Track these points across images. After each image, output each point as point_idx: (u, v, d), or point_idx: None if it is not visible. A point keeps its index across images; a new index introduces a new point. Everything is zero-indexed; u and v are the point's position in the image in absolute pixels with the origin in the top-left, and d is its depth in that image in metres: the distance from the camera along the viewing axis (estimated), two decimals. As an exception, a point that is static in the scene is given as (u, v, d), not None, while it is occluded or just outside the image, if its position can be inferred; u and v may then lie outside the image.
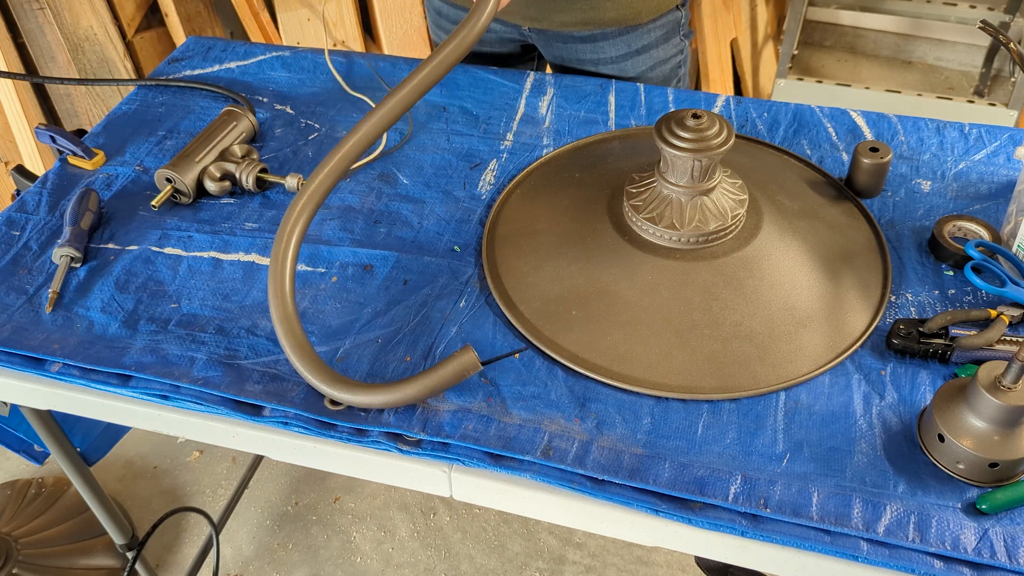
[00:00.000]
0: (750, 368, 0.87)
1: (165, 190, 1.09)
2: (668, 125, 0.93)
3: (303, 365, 0.84)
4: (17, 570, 1.70)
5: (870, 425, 0.83)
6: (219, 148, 1.13)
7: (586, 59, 1.35)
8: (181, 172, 1.09)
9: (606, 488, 0.79)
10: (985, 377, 0.75)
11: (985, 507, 0.75)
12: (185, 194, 1.10)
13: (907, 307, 0.94)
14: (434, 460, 0.84)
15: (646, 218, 0.96)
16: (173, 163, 1.10)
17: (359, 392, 0.83)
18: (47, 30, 1.91)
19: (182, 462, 2.01)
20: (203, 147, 1.12)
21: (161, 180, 1.10)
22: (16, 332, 0.95)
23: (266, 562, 1.82)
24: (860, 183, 1.06)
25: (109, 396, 0.92)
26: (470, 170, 1.15)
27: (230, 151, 1.13)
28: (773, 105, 1.24)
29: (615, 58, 1.33)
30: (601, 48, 1.33)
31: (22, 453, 1.36)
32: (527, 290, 0.97)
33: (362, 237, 1.06)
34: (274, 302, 0.87)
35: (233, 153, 1.13)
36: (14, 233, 1.08)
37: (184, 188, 1.09)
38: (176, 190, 1.10)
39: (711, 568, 1.63)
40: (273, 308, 0.87)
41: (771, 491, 0.77)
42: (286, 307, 0.87)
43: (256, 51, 1.39)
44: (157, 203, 1.08)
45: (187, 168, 1.09)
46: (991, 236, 0.99)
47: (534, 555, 1.80)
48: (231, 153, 1.13)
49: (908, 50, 2.95)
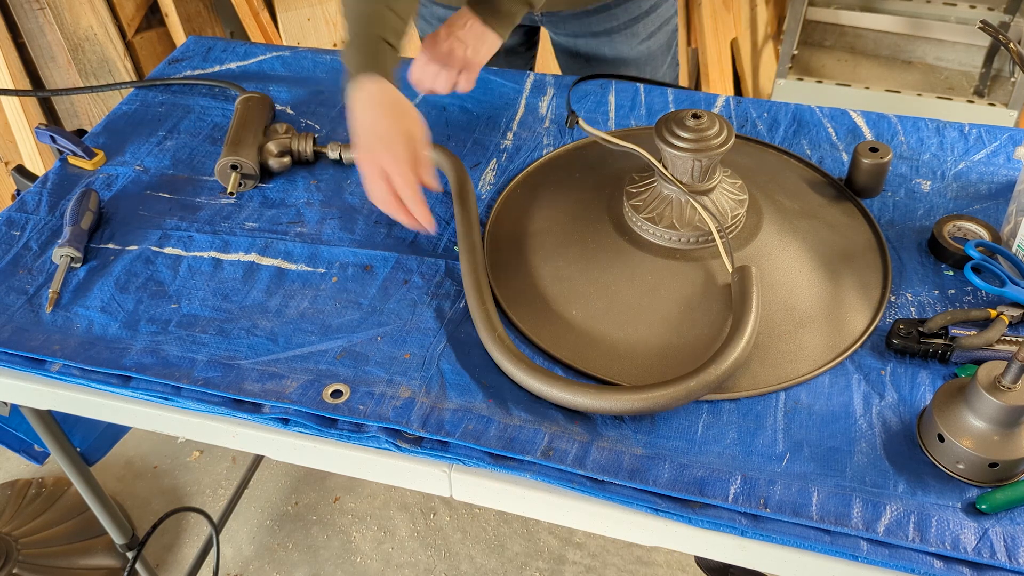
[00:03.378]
0: (750, 368, 0.87)
1: (233, 177, 1.10)
2: (668, 125, 0.93)
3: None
4: (17, 570, 1.70)
5: (870, 425, 0.83)
6: (259, 128, 1.16)
7: (599, 30, 1.36)
8: (246, 156, 1.11)
9: (606, 488, 0.79)
10: (985, 377, 0.75)
11: (985, 507, 0.75)
12: (252, 176, 1.13)
13: (907, 307, 0.94)
14: (434, 460, 0.84)
15: (646, 218, 0.96)
16: (231, 151, 1.11)
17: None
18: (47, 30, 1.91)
19: (182, 462, 2.01)
20: (248, 131, 1.15)
21: (225, 170, 1.11)
22: (16, 332, 0.95)
23: (266, 562, 1.82)
24: (860, 183, 1.06)
25: (109, 396, 0.92)
26: (470, 170, 1.15)
27: (272, 129, 1.16)
28: (773, 105, 1.24)
29: (627, 23, 1.34)
30: (614, 15, 1.33)
31: (22, 453, 1.36)
32: (527, 290, 0.97)
33: (362, 237, 1.06)
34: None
35: (276, 131, 1.16)
36: (14, 233, 1.08)
37: (251, 171, 1.12)
38: (243, 176, 1.12)
39: (711, 568, 1.63)
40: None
41: (771, 491, 0.77)
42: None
43: (256, 51, 1.39)
44: (232, 189, 1.10)
45: (248, 151, 1.12)
46: (991, 236, 0.99)
47: (534, 555, 1.80)
48: (274, 131, 1.16)
49: (908, 50, 2.95)
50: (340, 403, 0.86)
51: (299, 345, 0.93)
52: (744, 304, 0.87)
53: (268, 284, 1.00)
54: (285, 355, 0.92)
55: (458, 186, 1.08)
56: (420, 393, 0.87)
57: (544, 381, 0.84)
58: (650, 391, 0.81)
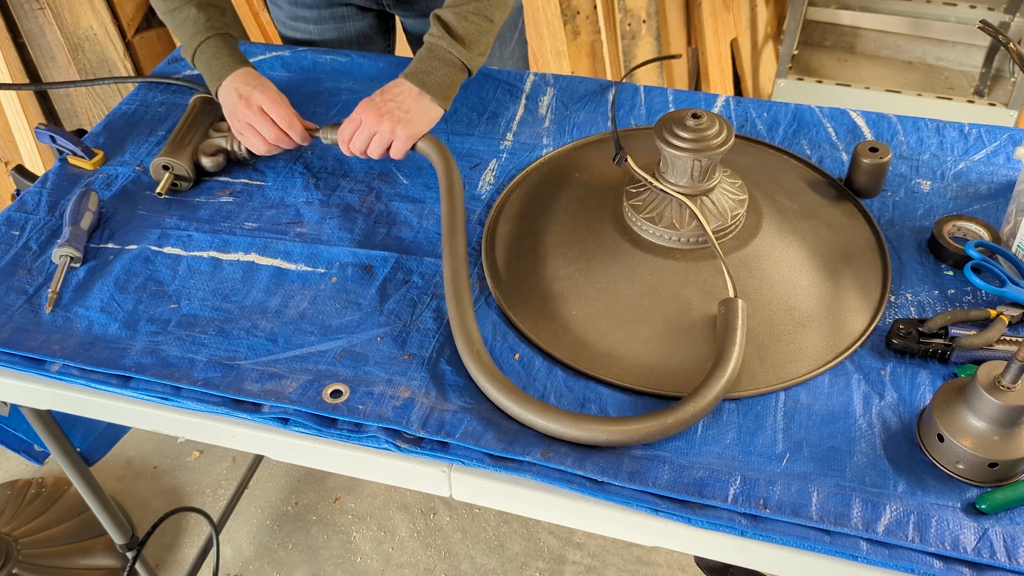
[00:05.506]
0: (750, 368, 0.87)
1: (165, 178, 1.10)
2: (668, 125, 0.93)
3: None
4: (17, 570, 1.70)
5: (870, 425, 0.83)
6: (203, 129, 1.15)
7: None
8: (176, 156, 1.10)
9: (606, 488, 0.79)
10: (984, 377, 0.75)
11: (985, 507, 0.75)
12: (185, 178, 1.12)
13: (907, 307, 0.94)
14: (434, 460, 0.84)
15: (646, 218, 0.96)
16: (164, 151, 1.11)
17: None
18: (47, 30, 1.91)
19: (182, 462, 2.01)
20: (189, 131, 1.14)
21: (158, 169, 1.11)
22: (16, 332, 0.95)
23: (266, 562, 1.82)
24: (860, 183, 1.06)
25: (109, 396, 0.92)
26: (470, 170, 1.15)
27: (215, 127, 1.16)
28: (773, 105, 1.24)
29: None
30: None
31: (22, 453, 1.36)
32: (527, 290, 0.97)
33: (362, 237, 1.05)
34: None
35: (219, 128, 1.16)
36: (14, 233, 1.08)
37: (184, 171, 1.11)
38: (177, 177, 1.12)
39: (711, 568, 1.63)
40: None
41: (771, 491, 0.77)
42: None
43: (256, 51, 1.39)
44: (161, 190, 1.10)
45: (180, 152, 1.11)
46: (991, 236, 0.98)
47: (534, 555, 1.80)
48: (216, 129, 1.16)
49: (908, 50, 2.95)
50: (340, 403, 0.86)
51: (299, 345, 0.93)
52: (727, 337, 0.85)
53: (268, 284, 1.00)
54: (285, 355, 0.92)
55: (447, 183, 1.05)
56: (420, 394, 0.87)
57: (518, 403, 0.83)
58: (626, 423, 0.80)
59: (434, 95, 1.08)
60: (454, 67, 1.09)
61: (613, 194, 1.03)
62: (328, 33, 1.41)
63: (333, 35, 1.42)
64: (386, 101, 1.07)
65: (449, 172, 1.06)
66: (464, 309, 0.91)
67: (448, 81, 1.09)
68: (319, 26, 1.40)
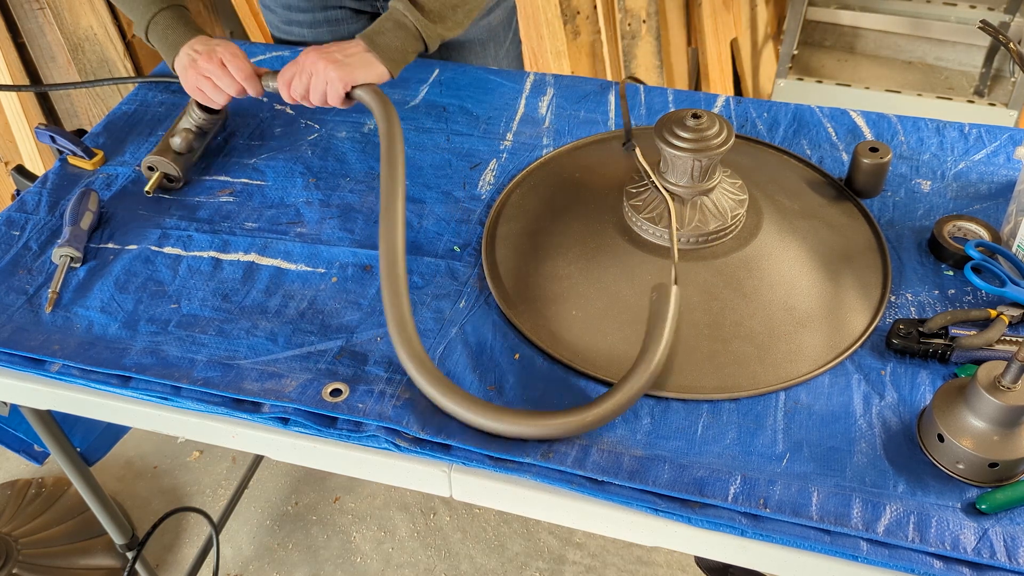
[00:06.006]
0: (750, 368, 0.87)
1: (154, 177, 1.11)
2: (668, 125, 0.93)
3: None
4: (17, 570, 1.70)
5: (870, 425, 0.83)
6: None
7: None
8: (161, 155, 1.11)
9: (606, 488, 0.79)
10: (985, 377, 0.75)
11: (985, 507, 0.75)
12: (174, 177, 1.12)
13: (907, 307, 0.94)
14: (434, 460, 0.84)
15: (646, 218, 0.96)
16: (156, 151, 1.12)
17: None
18: (47, 30, 1.91)
19: (182, 462, 2.01)
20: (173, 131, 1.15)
21: (146, 171, 1.12)
22: (16, 332, 0.95)
23: (266, 562, 1.82)
24: (860, 183, 1.06)
25: (109, 396, 0.92)
26: (470, 170, 1.15)
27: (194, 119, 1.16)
28: (773, 105, 1.24)
29: None
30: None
31: (22, 453, 1.36)
32: (527, 290, 0.97)
33: (362, 237, 1.05)
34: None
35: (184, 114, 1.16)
36: (14, 233, 1.08)
37: (172, 170, 1.11)
38: (167, 177, 1.12)
39: (711, 568, 1.63)
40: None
41: (771, 491, 0.77)
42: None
43: (256, 51, 1.39)
44: (149, 189, 1.10)
45: (165, 151, 1.12)
46: (991, 236, 0.98)
47: (534, 555, 1.80)
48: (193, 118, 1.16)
49: (908, 50, 2.95)
50: (339, 401, 0.86)
51: (299, 345, 0.93)
52: (656, 328, 0.84)
53: (268, 284, 1.00)
54: (284, 355, 0.92)
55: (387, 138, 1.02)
56: (420, 394, 0.87)
57: (442, 391, 0.83)
58: (545, 418, 0.80)
59: (381, 55, 1.07)
60: (408, 33, 1.08)
61: (613, 194, 1.03)
62: (323, 36, 1.41)
63: (328, 38, 1.42)
64: (331, 49, 1.07)
65: (388, 118, 1.04)
66: (398, 285, 0.90)
67: (399, 45, 1.07)
68: (313, 30, 1.40)
